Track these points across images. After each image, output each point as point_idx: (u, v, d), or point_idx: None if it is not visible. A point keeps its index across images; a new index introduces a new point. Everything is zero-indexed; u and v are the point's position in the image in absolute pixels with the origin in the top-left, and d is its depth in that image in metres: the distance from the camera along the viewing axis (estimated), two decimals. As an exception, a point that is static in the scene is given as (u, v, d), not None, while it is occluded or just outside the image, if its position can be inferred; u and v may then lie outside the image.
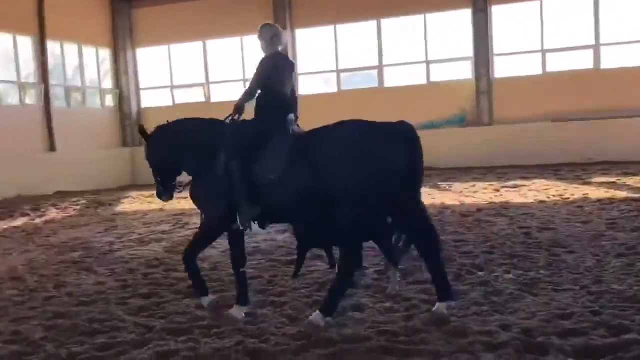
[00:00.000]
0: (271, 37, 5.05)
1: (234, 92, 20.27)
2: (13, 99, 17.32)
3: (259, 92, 4.95)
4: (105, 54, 20.85)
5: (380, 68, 18.75)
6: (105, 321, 4.91)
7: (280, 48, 5.10)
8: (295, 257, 5.92)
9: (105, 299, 5.64)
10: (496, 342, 3.95)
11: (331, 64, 19.26)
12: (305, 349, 4.05)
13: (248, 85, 5.03)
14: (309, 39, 19.57)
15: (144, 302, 5.43)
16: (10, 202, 15.02)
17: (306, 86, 19.60)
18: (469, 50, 17.74)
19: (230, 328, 4.51)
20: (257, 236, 8.15)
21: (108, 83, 21.01)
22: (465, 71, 18.01)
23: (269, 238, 8.37)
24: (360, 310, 4.81)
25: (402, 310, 4.77)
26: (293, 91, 5.18)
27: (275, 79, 4.88)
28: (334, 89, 19.31)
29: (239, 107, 4.95)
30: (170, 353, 4.10)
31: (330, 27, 19.07)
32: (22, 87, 17.37)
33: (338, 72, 19.17)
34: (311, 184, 4.35)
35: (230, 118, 4.99)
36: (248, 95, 4.96)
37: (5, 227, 11.48)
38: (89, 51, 20.04)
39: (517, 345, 3.86)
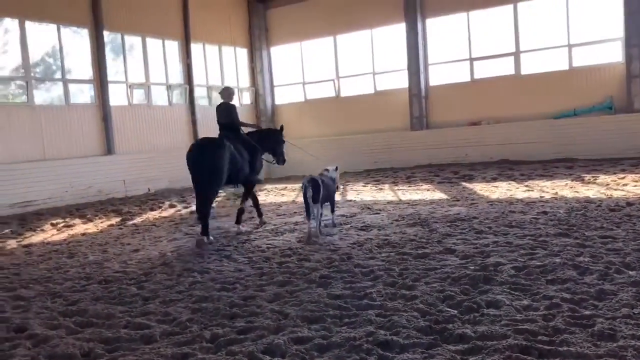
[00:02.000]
0: (221, 94, 9.91)
1: (363, 86, 20.52)
2: (163, 99, 18.88)
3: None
4: (243, 53, 22.01)
5: (517, 54, 17.80)
6: (244, 306, 5.20)
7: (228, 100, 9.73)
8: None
9: (244, 285, 5.96)
10: (651, 349, 3.60)
11: (463, 52, 18.66)
12: (437, 344, 3.98)
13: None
14: (440, 28, 19.11)
15: (279, 290, 5.66)
16: (160, 193, 16.47)
17: (436, 76, 19.23)
18: (618, 30, 16.23)
19: (361, 319, 4.56)
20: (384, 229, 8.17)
21: (245, 81, 22.16)
22: (613, 53, 16.53)
23: (398, 231, 8.34)
24: (497, 307, 4.62)
25: (542, 309, 4.50)
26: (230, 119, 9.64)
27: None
28: (466, 78, 18.68)
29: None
30: (304, 339, 4.23)
31: (463, 15, 18.49)
32: (170, 87, 18.89)
33: (471, 60, 18.52)
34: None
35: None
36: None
37: (157, 216, 12.58)
38: (227, 51, 21.29)
39: (677, 353, 3.48)
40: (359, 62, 20.58)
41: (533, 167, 15.71)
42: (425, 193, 12.96)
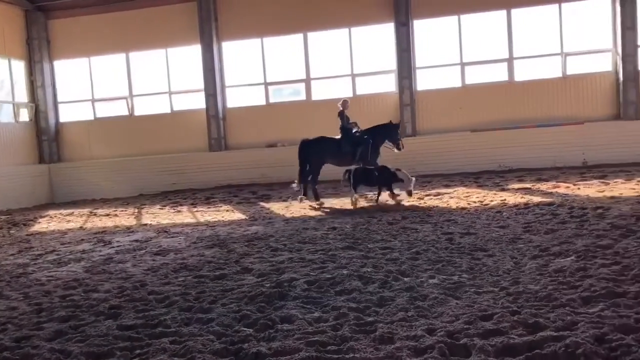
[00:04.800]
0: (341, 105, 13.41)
1: (160, 105, 19.92)
2: None
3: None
4: (20, 66, 19.84)
5: (307, 81, 18.89)
6: (16, 348, 4.61)
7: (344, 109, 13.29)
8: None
9: (17, 325, 5.30)
10: (422, 346, 4.03)
11: (259, 76, 19.23)
12: (233, 364, 3.97)
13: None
14: (236, 52, 19.44)
15: (61, 326, 5.14)
16: None
17: (234, 98, 19.49)
18: (392, 63, 18.20)
19: (154, 348, 4.35)
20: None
21: (23, 96, 19.96)
22: (389, 84, 18.47)
23: (196, 253, 8.21)
24: (290, 322, 4.77)
25: (331, 320, 4.77)
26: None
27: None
28: (262, 102, 19.25)
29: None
30: (90, 377, 3.90)
31: (257, 40, 19.06)
32: None
33: (266, 84, 19.15)
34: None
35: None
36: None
37: None
38: (1, 62, 19.00)
39: (442, 348, 3.95)
40: (154, 81, 19.90)
41: (323, 186, 16.71)
42: (224, 214, 12.97)
